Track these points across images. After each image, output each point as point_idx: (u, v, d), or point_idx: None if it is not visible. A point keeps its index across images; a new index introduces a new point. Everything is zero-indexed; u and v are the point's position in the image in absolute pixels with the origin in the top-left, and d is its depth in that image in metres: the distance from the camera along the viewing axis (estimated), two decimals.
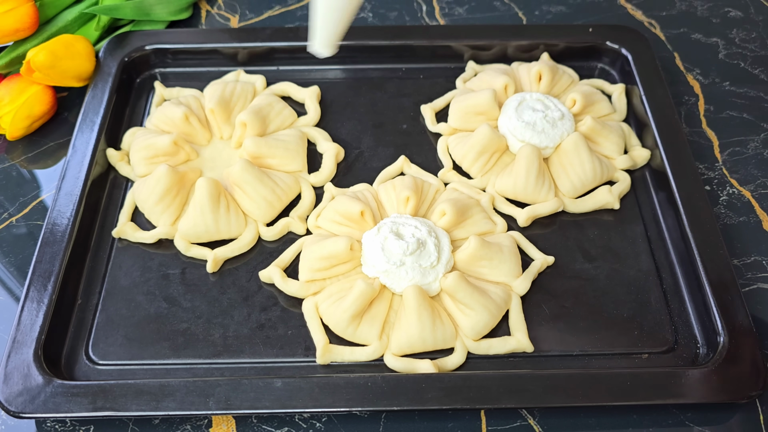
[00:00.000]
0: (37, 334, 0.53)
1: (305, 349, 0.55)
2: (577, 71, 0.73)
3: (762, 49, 0.79)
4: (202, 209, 0.59)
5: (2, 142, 0.70)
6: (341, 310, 0.53)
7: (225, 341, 0.55)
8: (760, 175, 0.67)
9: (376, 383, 0.50)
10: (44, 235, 0.58)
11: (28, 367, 0.51)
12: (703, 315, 0.55)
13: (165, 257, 0.60)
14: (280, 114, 0.68)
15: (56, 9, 0.74)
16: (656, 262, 0.60)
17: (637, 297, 0.58)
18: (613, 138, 0.66)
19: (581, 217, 0.63)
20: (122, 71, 0.71)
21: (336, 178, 0.66)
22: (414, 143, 0.69)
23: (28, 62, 0.66)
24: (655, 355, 0.55)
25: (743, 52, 0.79)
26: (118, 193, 0.65)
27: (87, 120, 0.66)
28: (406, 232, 0.56)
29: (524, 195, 0.62)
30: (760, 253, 0.61)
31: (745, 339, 0.52)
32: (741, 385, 0.50)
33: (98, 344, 0.55)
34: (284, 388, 0.50)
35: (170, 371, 0.54)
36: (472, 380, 0.50)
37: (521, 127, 0.64)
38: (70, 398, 0.50)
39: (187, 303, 0.57)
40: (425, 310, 0.53)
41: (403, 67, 0.75)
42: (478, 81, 0.71)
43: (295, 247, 0.60)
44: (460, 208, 0.59)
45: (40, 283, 0.55)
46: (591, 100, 0.68)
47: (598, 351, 0.55)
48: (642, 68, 0.70)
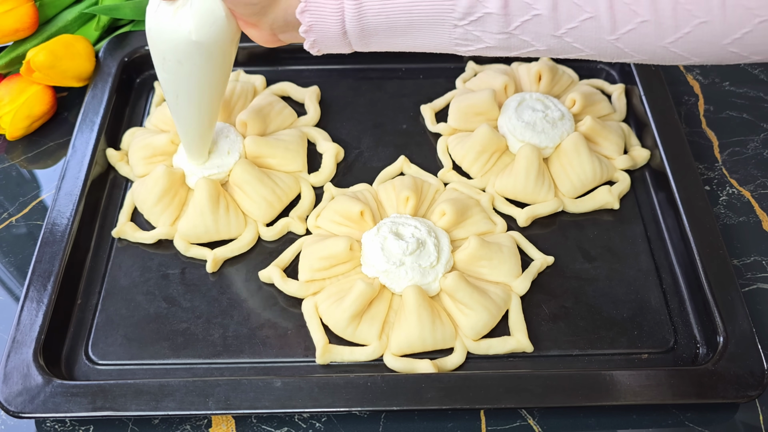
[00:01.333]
0: (36, 333, 0.53)
1: (305, 349, 0.55)
2: (577, 71, 0.73)
3: None
4: (202, 210, 0.59)
5: (2, 142, 0.70)
6: (341, 310, 0.53)
7: (225, 341, 0.55)
8: (760, 175, 0.67)
9: (375, 383, 0.50)
10: (44, 235, 0.58)
11: (27, 367, 0.51)
12: (703, 315, 0.55)
13: (165, 257, 0.60)
14: (281, 114, 0.68)
15: (56, 9, 0.74)
16: (656, 262, 0.60)
17: (637, 297, 0.58)
18: (613, 138, 0.66)
19: (581, 217, 0.63)
20: (122, 71, 0.71)
21: (336, 178, 0.66)
22: (414, 143, 0.68)
23: (28, 62, 0.66)
24: (654, 355, 0.55)
25: None
26: (117, 193, 0.65)
27: (87, 120, 0.66)
28: (406, 232, 0.56)
29: (524, 195, 0.62)
30: (760, 253, 0.61)
31: (745, 339, 0.52)
32: (741, 385, 0.50)
33: (98, 344, 0.55)
34: (284, 388, 0.50)
35: (170, 371, 0.54)
36: (472, 380, 0.50)
37: (521, 127, 0.64)
38: (70, 398, 0.50)
39: (186, 303, 0.57)
40: (425, 310, 0.53)
41: (403, 67, 0.75)
42: (478, 81, 0.71)
43: (294, 247, 0.60)
44: (459, 208, 0.59)
45: (40, 283, 0.55)
46: (591, 100, 0.68)
47: (598, 351, 0.55)
48: (642, 68, 0.70)
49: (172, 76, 0.53)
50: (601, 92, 0.71)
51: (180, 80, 0.53)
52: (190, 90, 0.54)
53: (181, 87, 0.53)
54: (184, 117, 0.56)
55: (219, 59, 0.52)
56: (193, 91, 0.54)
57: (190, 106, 0.55)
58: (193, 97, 0.54)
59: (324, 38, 0.47)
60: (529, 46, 0.46)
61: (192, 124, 0.57)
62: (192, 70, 0.52)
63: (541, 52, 0.46)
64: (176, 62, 0.51)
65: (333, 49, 0.48)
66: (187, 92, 0.54)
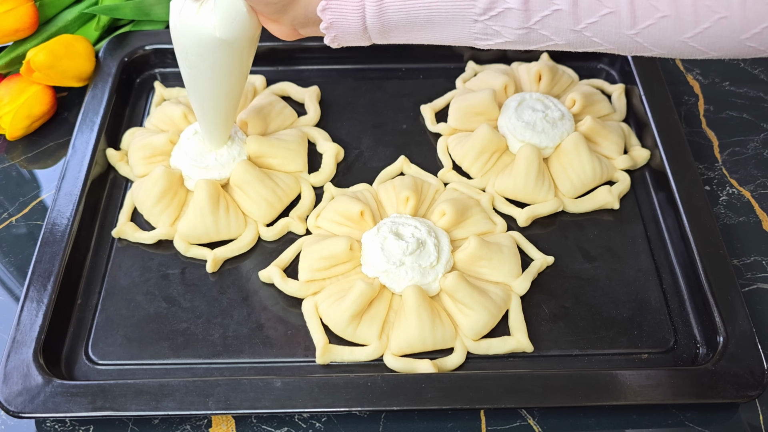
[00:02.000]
0: (36, 333, 0.53)
1: (305, 349, 0.55)
2: (577, 71, 0.73)
3: None
4: (202, 211, 0.59)
5: (2, 142, 0.70)
6: (341, 309, 0.53)
7: (224, 341, 0.55)
8: (760, 175, 0.67)
9: (375, 383, 0.50)
10: (44, 235, 0.58)
11: (27, 367, 0.51)
12: (703, 315, 0.55)
13: (165, 257, 0.60)
14: (281, 114, 0.68)
15: (56, 9, 0.74)
16: (656, 262, 0.60)
17: (637, 297, 0.58)
18: (613, 138, 0.66)
19: (581, 217, 0.63)
20: (122, 71, 0.71)
21: (336, 178, 0.66)
22: (414, 143, 0.68)
23: (28, 62, 0.66)
24: (654, 355, 0.55)
25: None
26: (117, 193, 0.65)
27: (87, 120, 0.66)
28: (406, 232, 0.56)
29: (524, 195, 0.62)
30: (760, 253, 0.61)
31: (745, 339, 0.52)
32: (741, 385, 0.50)
33: (98, 344, 0.55)
34: (284, 388, 0.50)
35: (170, 371, 0.54)
36: (472, 380, 0.50)
37: (521, 127, 0.64)
38: (70, 398, 0.49)
39: (186, 303, 0.57)
40: (425, 310, 0.53)
41: (403, 67, 0.75)
42: (478, 81, 0.71)
43: (294, 247, 0.60)
44: (459, 208, 0.59)
45: (40, 283, 0.55)
46: (591, 100, 0.68)
47: (598, 351, 0.55)
48: (642, 68, 0.70)
49: (194, 71, 0.55)
50: (601, 92, 0.71)
51: (202, 75, 0.55)
52: (213, 84, 0.55)
53: (203, 82, 0.55)
54: (204, 109, 0.58)
55: (240, 54, 0.54)
56: (215, 86, 0.56)
57: (210, 99, 0.57)
58: (214, 91, 0.56)
59: (344, 33, 0.48)
60: (548, 41, 0.46)
61: (212, 116, 0.59)
62: (214, 64, 0.54)
63: (560, 46, 0.47)
64: (199, 57, 0.53)
65: (353, 43, 0.49)
66: (209, 86, 0.56)
